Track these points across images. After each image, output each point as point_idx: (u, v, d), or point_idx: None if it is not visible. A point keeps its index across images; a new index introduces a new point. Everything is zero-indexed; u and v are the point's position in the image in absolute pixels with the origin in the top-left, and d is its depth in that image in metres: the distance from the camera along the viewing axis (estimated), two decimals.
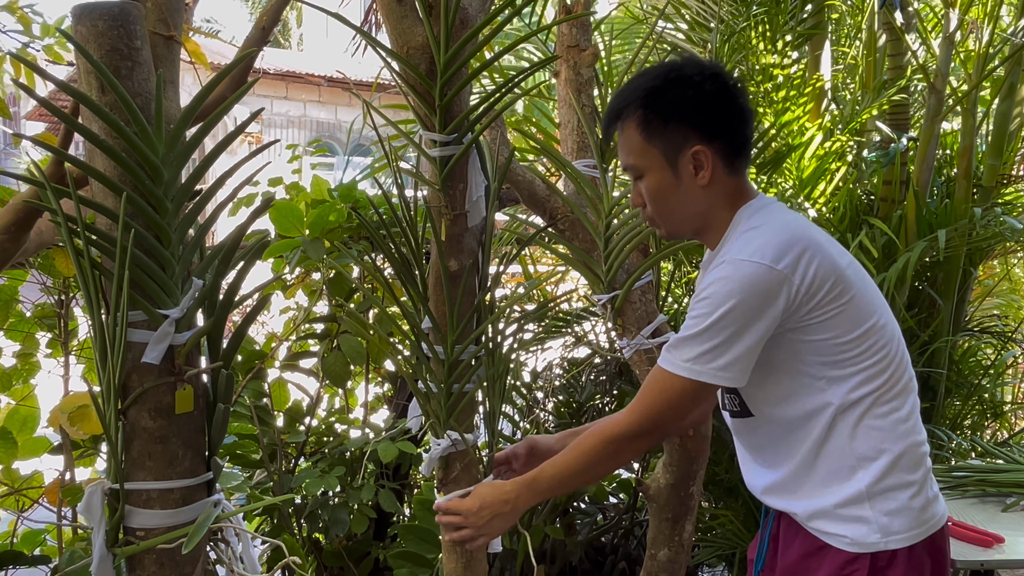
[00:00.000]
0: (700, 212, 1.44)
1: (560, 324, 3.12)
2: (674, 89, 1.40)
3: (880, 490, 1.37)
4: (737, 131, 1.42)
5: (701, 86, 1.39)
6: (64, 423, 1.72)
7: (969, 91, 3.13)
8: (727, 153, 1.41)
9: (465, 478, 1.66)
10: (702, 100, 1.39)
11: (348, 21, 1.58)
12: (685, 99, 1.39)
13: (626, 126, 1.43)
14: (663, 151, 1.40)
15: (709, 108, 1.40)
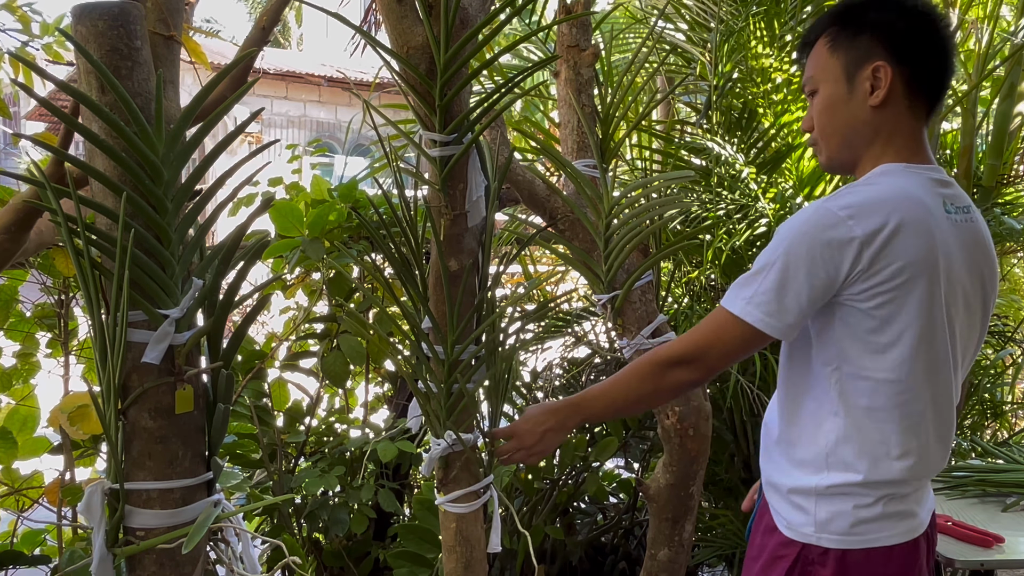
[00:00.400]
0: (861, 136, 1.36)
1: (560, 324, 3.12)
2: (873, 6, 1.35)
3: (831, 492, 1.35)
4: (929, 62, 1.32)
5: (902, 6, 1.33)
6: (64, 423, 1.72)
7: (969, 91, 3.13)
8: (910, 80, 1.32)
9: (465, 478, 1.66)
10: (899, 18, 1.32)
11: (348, 21, 1.58)
12: (882, 15, 1.33)
13: (816, 45, 1.39)
14: (844, 63, 1.35)
15: (904, 27, 1.32)
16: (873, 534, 1.34)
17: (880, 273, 1.25)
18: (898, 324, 1.28)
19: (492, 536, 1.69)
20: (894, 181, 1.31)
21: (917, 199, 1.29)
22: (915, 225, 1.26)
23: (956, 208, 1.34)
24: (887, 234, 1.24)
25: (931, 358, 1.32)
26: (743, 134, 2.95)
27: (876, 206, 1.26)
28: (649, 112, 2.83)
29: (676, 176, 2.39)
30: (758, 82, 2.99)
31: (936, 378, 1.34)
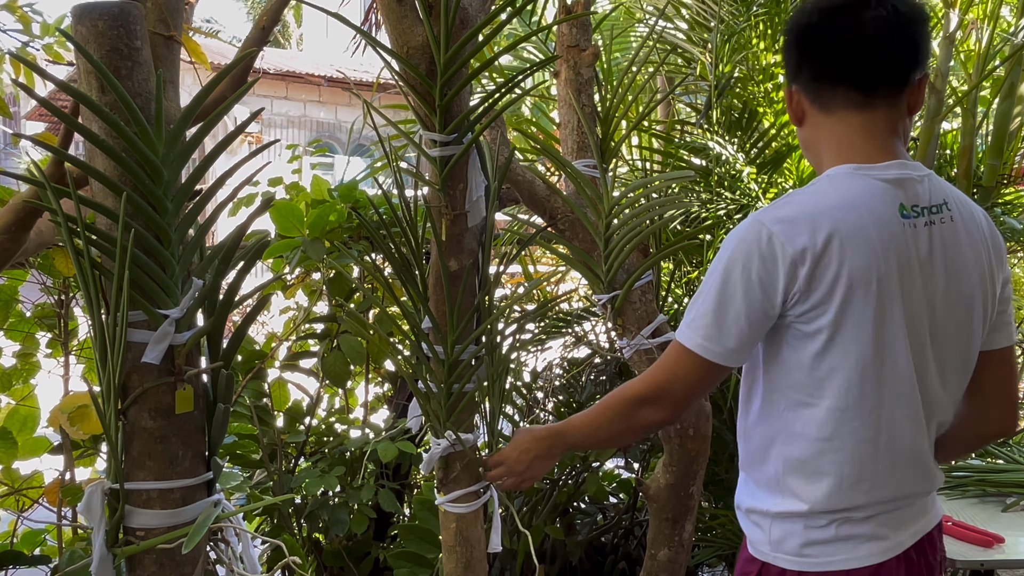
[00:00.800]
0: (809, 155, 1.36)
1: (560, 324, 3.12)
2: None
3: (782, 517, 1.31)
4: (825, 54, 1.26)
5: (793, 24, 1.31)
6: (64, 423, 1.72)
7: (969, 91, 3.13)
8: (813, 83, 1.29)
9: (465, 478, 1.66)
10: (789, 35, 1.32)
11: (348, 21, 1.58)
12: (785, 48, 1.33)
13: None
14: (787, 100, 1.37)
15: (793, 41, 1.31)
16: (826, 556, 1.28)
17: (817, 291, 1.19)
18: (841, 345, 1.21)
19: (492, 536, 1.70)
20: (834, 189, 1.24)
21: (857, 207, 1.21)
22: (854, 237, 1.19)
23: (919, 209, 1.24)
24: (819, 250, 1.18)
25: (886, 378, 1.24)
26: (743, 134, 2.95)
27: (809, 220, 1.20)
28: (649, 112, 2.83)
29: (676, 176, 2.39)
30: (759, 81, 2.99)
31: (894, 398, 1.25)
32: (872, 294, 1.20)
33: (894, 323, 1.22)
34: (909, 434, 1.29)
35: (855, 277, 1.19)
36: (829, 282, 1.19)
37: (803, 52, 1.29)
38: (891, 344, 1.23)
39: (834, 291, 1.19)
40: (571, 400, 3.05)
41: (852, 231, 1.19)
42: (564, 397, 3.09)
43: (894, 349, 1.23)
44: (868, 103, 1.26)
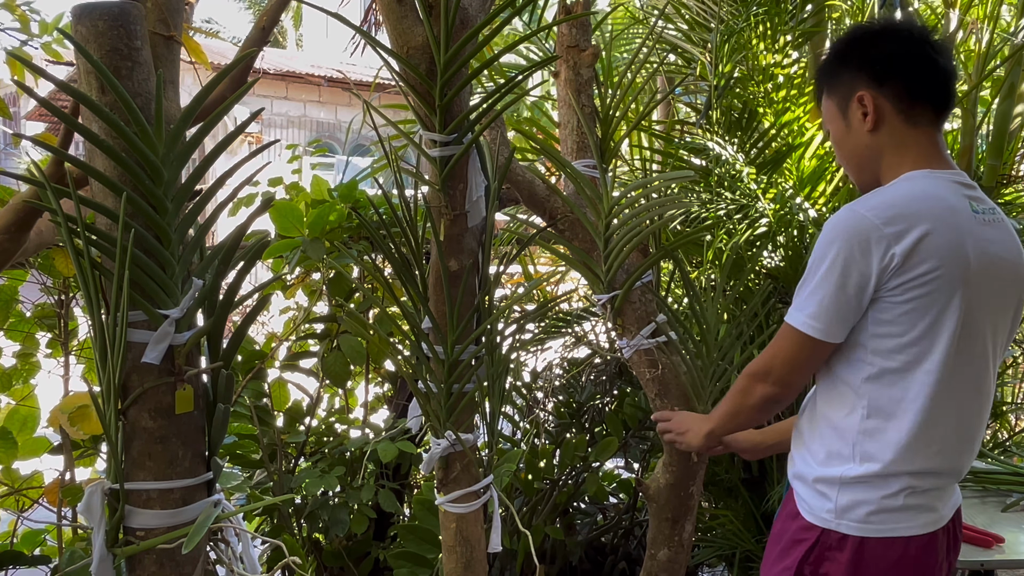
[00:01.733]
0: (870, 160, 1.46)
1: (560, 324, 3.12)
2: (848, 45, 1.49)
3: (855, 482, 1.40)
4: (914, 71, 1.42)
5: (872, 33, 1.46)
6: (64, 423, 1.72)
7: (969, 91, 3.13)
8: (901, 95, 1.42)
9: (465, 478, 1.66)
10: (871, 46, 1.45)
11: (348, 21, 1.58)
12: (855, 50, 1.46)
13: (822, 98, 1.54)
14: (837, 103, 1.49)
15: (877, 52, 1.44)
16: (891, 524, 1.38)
17: (913, 269, 1.31)
18: (929, 318, 1.34)
19: (492, 536, 1.70)
20: (917, 184, 1.39)
21: (942, 199, 1.36)
22: (943, 224, 1.33)
23: (982, 209, 1.40)
24: (917, 233, 1.31)
25: (964, 353, 1.36)
26: (743, 134, 2.95)
27: (903, 206, 1.34)
28: (649, 112, 2.83)
29: (676, 176, 2.39)
30: (759, 80, 2.99)
31: (969, 372, 1.38)
32: (958, 276, 1.33)
33: (975, 303, 1.35)
34: (974, 410, 1.42)
35: (946, 258, 1.32)
36: (923, 261, 1.31)
37: (899, 63, 1.43)
38: (973, 321, 1.37)
39: (928, 270, 1.32)
40: (571, 400, 3.05)
41: (941, 218, 1.33)
42: (564, 397, 3.09)
43: (974, 327, 1.37)
44: (938, 124, 1.46)
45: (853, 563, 1.39)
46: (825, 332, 1.37)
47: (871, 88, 1.43)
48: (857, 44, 1.48)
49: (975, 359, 1.39)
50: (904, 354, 1.36)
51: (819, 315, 1.37)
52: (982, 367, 1.41)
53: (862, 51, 1.46)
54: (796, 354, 1.42)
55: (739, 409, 1.56)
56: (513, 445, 2.88)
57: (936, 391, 1.36)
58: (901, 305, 1.34)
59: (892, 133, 1.44)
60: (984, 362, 1.41)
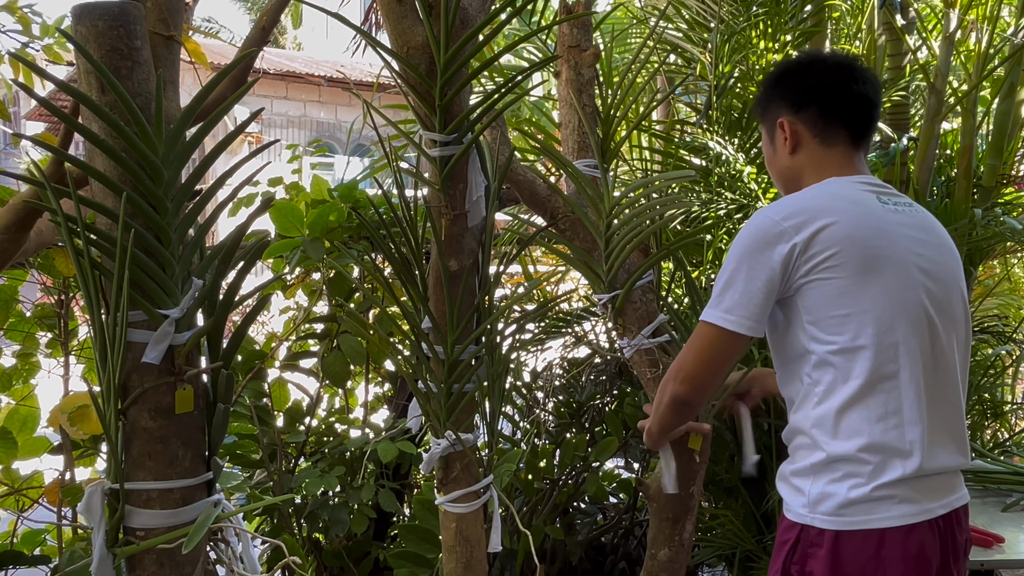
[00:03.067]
0: (793, 180, 1.58)
1: (560, 324, 3.12)
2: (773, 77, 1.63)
3: (819, 468, 1.43)
4: (827, 98, 1.54)
5: (790, 65, 1.61)
6: (64, 423, 1.72)
7: (969, 91, 3.12)
8: (817, 119, 1.54)
9: (465, 478, 1.66)
10: (788, 75, 1.60)
11: (348, 21, 1.58)
12: (778, 81, 1.61)
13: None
14: (766, 130, 1.62)
15: (794, 81, 1.58)
16: (861, 515, 1.38)
17: (818, 255, 1.39)
18: (848, 298, 1.39)
19: (492, 536, 1.70)
20: (820, 187, 1.50)
21: (842, 195, 1.46)
22: (843, 214, 1.41)
23: (894, 202, 1.49)
24: (817, 224, 1.40)
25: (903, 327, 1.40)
26: (743, 134, 2.95)
27: (802, 203, 1.45)
28: (649, 112, 2.83)
29: (676, 176, 2.39)
30: (759, 80, 2.99)
31: (919, 346, 1.41)
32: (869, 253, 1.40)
33: (902, 274, 1.41)
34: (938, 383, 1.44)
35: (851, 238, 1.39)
36: (827, 243, 1.39)
37: (814, 91, 1.56)
38: (903, 291, 1.41)
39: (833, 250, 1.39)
40: (571, 400, 3.04)
41: (836, 208, 1.42)
42: (564, 397, 3.09)
43: (908, 297, 1.41)
44: (857, 145, 1.56)
45: (832, 558, 1.39)
46: (737, 324, 1.43)
47: (790, 114, 1.56)
48: (782, 76, 1.61)
49: (920, 331, 1.42)
50: (840, 335, 1.40)
51: (732, 308, 1.43)
52: (934, 338, 1.43)
53: (785, 82, 1.60)
54: (706, 349, 1.47)
55: (657, 409, 1.61)
56: (513, 445, 2.88)
57: (876, 365, 1.39)
58: (817, 289, 1.40)
59: (810, 155, 1.55)
60: (933, 333, 1.43)
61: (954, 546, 1.45)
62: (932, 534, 1.40)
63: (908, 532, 1.38)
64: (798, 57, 1.65)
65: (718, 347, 1.46)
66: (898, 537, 1.37)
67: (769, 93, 1.62)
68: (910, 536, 1.38)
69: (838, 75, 1.55)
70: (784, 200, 1.48)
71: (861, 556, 1.38)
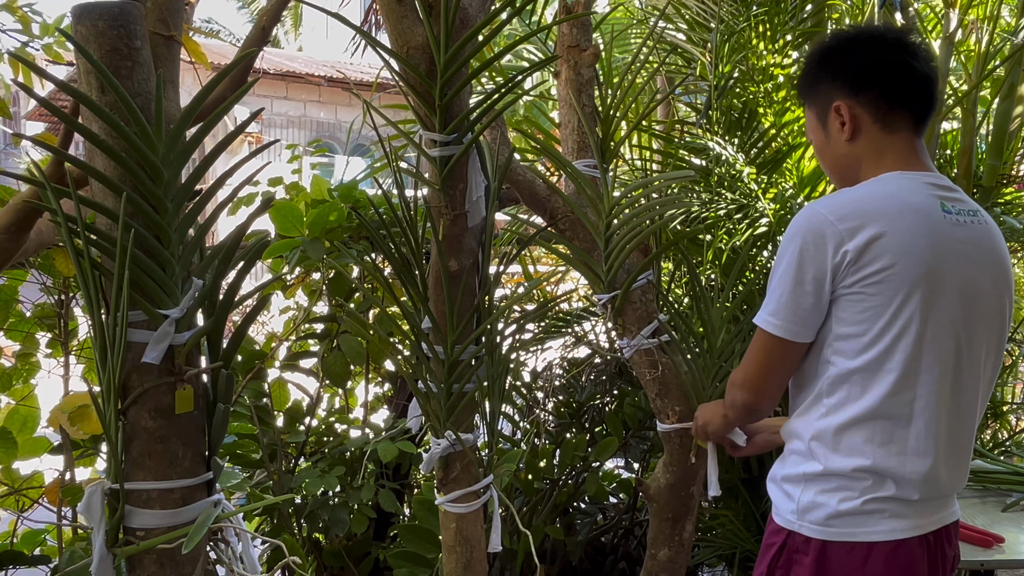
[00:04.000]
0: (850, 168, 1.46)
1: (560, 324, 3.12)
2: (823, 56, 1.49)
3: (813, 478, 1.40)
4: (890, 78, 1.41)
5: (845, 42, 1.46)
6: (64, 423, 1.72)
7: (969, 91, 3.12)
8: (878, 103, 1.41)
9: (465, 478, 1.66)
10: (845, 56, 1.45)
11: (348, 21, 1.58)
12: (831, 60, 1.47)
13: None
14: (817, 114, 1.49)
15: (851, 61, 1.43)
16: (850, 528, 1.37)
17: (867, 267, 1.31)
18: (887, 317, 1.32)
19: (492, 536, 1.70)
20: (881, 184, 1.39)
21: (903, 199, 1.35)
22: (900, 223, 1.32)
23: (958, 210, 1.38)
24: (871, 231, 1.30)
25: (932, 354, 1.34)
26: (743, 134, 2.95)
27: (859, 204, 1.34)
28: (649, 112, 2.83)
29: (676, 176, 2.39)
30: (758, 80, 2.99)
31: (940, 374, 1.35)
32: (919, 274, 1.31)
33: (939, 304, 1.33)
34: (952, 413, 1.38)
35: (904, 255, 1.31)
36: (878, 257, 1.30)
37: (874, 71, 1.42)
38: (941, 317, 1.34)
39: (884, 266, 1.31)
40: (571, 400, 3.05)
41: (899, 216, 1.32)
42: (564, 397, 3.09)
43: (945, 323, 1.34)
44: (918, 128, 1.43)
45: (817, 567, 1.38)
46: (785, 329, 1.37)
47: (847, 98, 1.43)
48: (832, 54, 1.47)
49: (946, 360, 1.35)
50: (866, 354, 1.34)
51: (778, 311, 1.37)
52: (959, 369, 1.37)
53: (837, 61, 1.46)
54: (764, 356, 1.42)
55: (727, 410, 1.59)
56: (513, 445, 2.88)
57: (894, 391, 1.34)
58: (858, 303, 1.33)
59: (870, 141, 1.43)
60: (958, 364, 1.37)
61: (943, 561, 1.43)
62: (921, 550, 1.38)
63: (896, 547, 1.36)
64: (848, 31, 1.48)
65: (775, 354, 1.41)
66: (885, 551, 1.36)
67: (817, 72, 1.48)
68: (897, 551, 1.36)
69: (898, 52, 1.41)
70: (840, 196, 1.38)
71: (846, 568, 1.36)
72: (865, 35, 1.47)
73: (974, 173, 3.17)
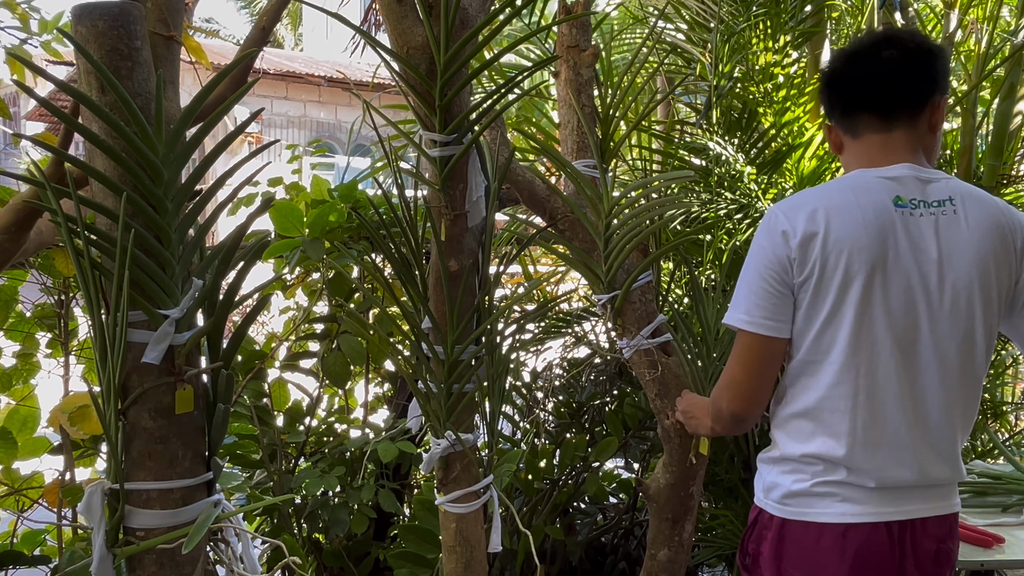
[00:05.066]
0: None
1: (560, 324, 3.12)
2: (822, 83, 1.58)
3: (777, 463, 1.50)
4: (847, 89, 1.49)
5: (828, 67, 1.56)
6: (64, 423, 1.72)
7: (969, 91, 3.13)
8: (843, 115, 1.51)
9: (465, 478, 1.66)
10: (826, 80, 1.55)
11: (348, 21, 1.58)
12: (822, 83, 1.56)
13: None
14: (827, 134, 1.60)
15: (826, 83, 1.54)
16: (802, 507, 1.44)
17: (808, 261, 1.38)
18: (827, 308, 1.39)
19: (492, 536, 1.70)
20: (838, 183, 1.46)
21: (851, 197, 1.41)
22: (844, 218, 1.38)
23: (916, 203, 1.41)
24: (813, 227, 1.38)
25: (878, 345, 1.39)
26: (743, 134, 2.95)
27: (807, 201, 1.42)
28: (649, 112, 2.83)
29: (676, 176, 2.39)
30: (758, 80, 2.99)
31: (895, 366, 1.40)
32: (861, 264, 1.37)
33: (893, 290, 1.38)
34: (912, 407, 1.41)
35: (841, 248, 1.37)
36: (814, 251, 1.38)
37: (833, 91, 1.52)
38: (892, 309, 1.38)
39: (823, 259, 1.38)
40: (571, 400, 3.05)
41: (840, 209, 1.39)
42: (564, 397, 3.09)
43: (899, 315, 1.39)
44: (887, 126, 1.46)
45: (777, 542, 1.47)
46: (759, 324, 1.42)
47: (829, 119, 1.55)
48: (824, 82, 1.57)
49: (891, 353, 1.39)
50: (813, 346, 1.42)
51: (750, 309, 1.43)
52: (911, 361, 1.40)
53: (824, 87, 1.56)
54: (747, 355, 1.47)
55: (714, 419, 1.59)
56: (513, 445, 2.88)
57: (835, 382, 1.41)
58: (804, 296, 1.40)
59: (848, 151, 1.53)
60: (911, 356, 1.40)
61: (916, 553, 1.43)
62: (880, 536, 1.40)
63: (847, 530, 1.41)
64: (836, 54, 1.57)
65: (756, 352, 1.45)
66: (836, 533, 1.42)
67: (820, 98, 1.60)
68: (848, 534, 1.41)
69: (856, 62, 1.49)
70: (795, 196, 1.48)
71: (801, 545, 1.45)
72: (841, 53, 1.55)
73: (974, 173, 3.17)
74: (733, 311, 1.47)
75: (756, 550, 1.53)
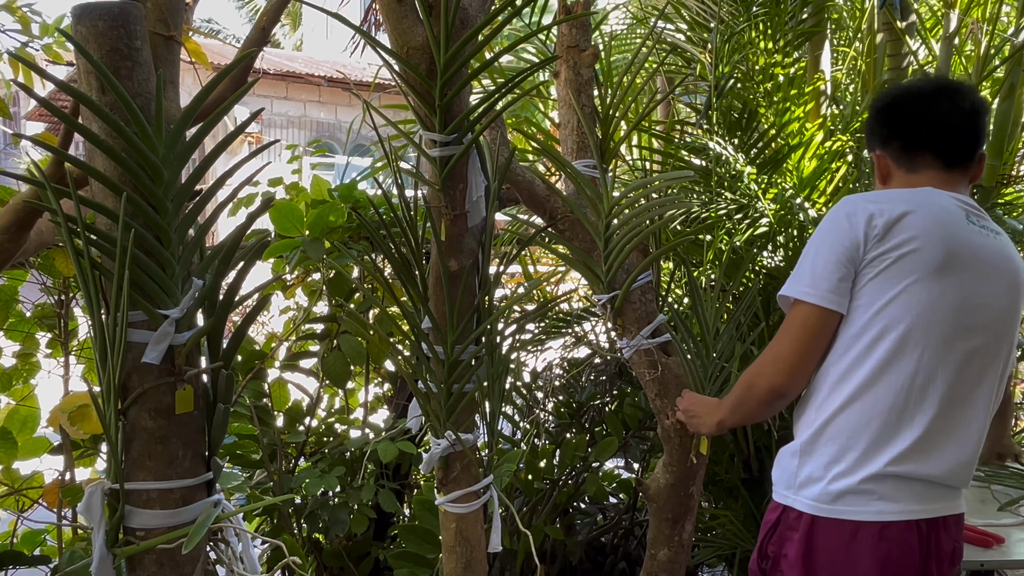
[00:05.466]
0: None
1: (560, 324, 3.12)
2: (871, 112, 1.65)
3: (811, 447, 1.47)
4: (914, 130, 1.55)
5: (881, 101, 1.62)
6: (64, 423, 1.72)
7: None
8: (903, 152, 1.56)
9: (465, 478, 1.66)
10: (877, 113, 1.61)
11: (348, 21, 1.58)
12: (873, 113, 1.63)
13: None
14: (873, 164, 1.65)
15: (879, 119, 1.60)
16: (839, 505, 1.42)
17: (893, 238, 1.41)
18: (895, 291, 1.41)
19: (492, 536, 1.70)
20: (915, 190, 1.51)
21: (932, 200, 1.47)
22: (928, 213, 1.43)
23: (982, 224, 1.50)
24: (900, 210, 1.42)
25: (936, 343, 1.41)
26: (743, 134, 2.95)
27: (892, 195, 1.48)
28: (649, 112, 2.83)
29: (676, 176, 2.39)
30: (759, 80, 2.99)
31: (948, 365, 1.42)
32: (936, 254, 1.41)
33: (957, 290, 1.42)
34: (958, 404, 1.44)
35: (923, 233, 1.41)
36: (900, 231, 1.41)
37: (893, 127, 1.58)
38: (953, 308, 1.41)
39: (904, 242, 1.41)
40: (571, 400, 3.05)
41: (923, 205, 1.45)
42: (564, 397, 3.09)
43: (959, 315, 1.42)
44: (947, 169, 1.55)
45: (806, 542, 1.44)
46: (821, 297, 1.43)
47: (880, 148, 1.60)
48: (877, 110, 1.62)
49: (955, 352, 1.42)
50: (869, 331, 1.42)
51: (813, 281, 1.44)
52: (947, 360, 1.42)
53: (877, 116, 1.61)
54: (800, 331, 1.46)
55: (743, 401, 1.58)
56: (513, 445, 2.88)
57: (887, 375, 1.41)
58: (874, 276, 1.42)
59: (900, 182, 1.57)
60: (969, 358, 1.43)
61: (938, 552, 1.45)
62: (911, 535, 1.41)
63: (883, 529, 1.40)
64: (892, 88, 1.66)
65: (812, 326, 1.46)
66: (872, 532, 1.40)
67: (869, 124, 1.65)
68: (884, 533, 1.40)
69: (923, 104, 1.55)
70: (874, 191, 1.53)
71: (833, 545, 1.42)
72: (903, 91, 1.61)
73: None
74: (795, 284, 1.47)
75: (778, 552, 1.49)
